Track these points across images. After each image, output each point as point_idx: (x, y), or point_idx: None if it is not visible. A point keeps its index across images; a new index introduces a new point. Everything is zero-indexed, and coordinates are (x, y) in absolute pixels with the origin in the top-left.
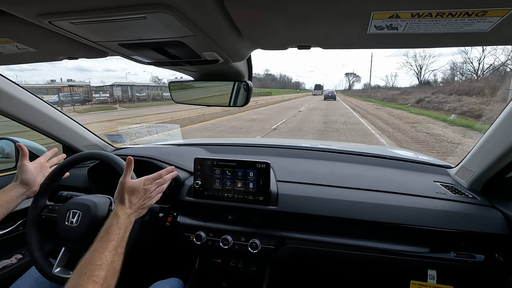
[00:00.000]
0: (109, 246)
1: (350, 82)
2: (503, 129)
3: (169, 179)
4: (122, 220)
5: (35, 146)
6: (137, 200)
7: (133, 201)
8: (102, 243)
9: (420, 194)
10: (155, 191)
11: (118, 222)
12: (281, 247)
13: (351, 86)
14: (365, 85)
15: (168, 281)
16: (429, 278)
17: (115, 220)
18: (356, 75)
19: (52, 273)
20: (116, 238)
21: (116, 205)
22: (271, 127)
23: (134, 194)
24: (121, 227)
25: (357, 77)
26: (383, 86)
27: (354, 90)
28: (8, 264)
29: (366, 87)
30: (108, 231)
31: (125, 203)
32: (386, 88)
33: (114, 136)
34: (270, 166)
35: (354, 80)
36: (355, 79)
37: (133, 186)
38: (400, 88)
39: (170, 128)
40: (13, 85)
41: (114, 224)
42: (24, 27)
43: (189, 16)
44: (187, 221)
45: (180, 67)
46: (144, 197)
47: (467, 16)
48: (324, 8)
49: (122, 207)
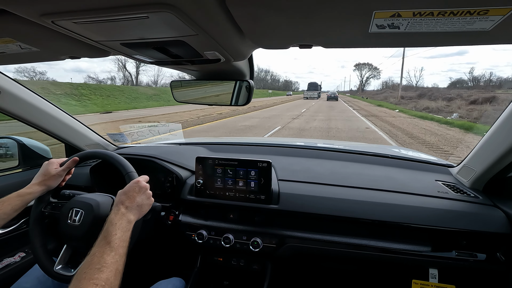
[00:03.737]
0: (107, 249)
1: (363, 78)
2: (505, 128)
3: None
4: (117, 221)
5: (39, 145)
6: (132, 199)
7: (127, 200)
8: (100, 247)
9: (422, 193)
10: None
11: (113, 224)
12: (282, 246)
13: (365, 84)
14: (384, 84)
15: (170, 281)
16: (430, 277)
17: (110, 224)
18: (372, 66)
19: (54, 270)
20: (114, 239)
21: (112, 208)
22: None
23: (126, 194)
24: (118, 228)
25: (374, 71)
26: (404, 84)
27: (368, 92)
28: (11, 262)
29: (385, 85)
30: (105, 235)
31: (119, 205)
32: (413, 89)
33: (116, 135)
34: (271, 165)
35: (370, 75)
36: (371, 73)
37: (126, 188)
38: (430, 88)
39: (172, 127)
40: (16, 84)
41: (110, 226)
42: (27, 26)
43: (191, 16)
44: (188, 220)
45: (182, 66)
46: (139, 193)
47: (469, 15)
48: (325, 7)
49: (117, 208)
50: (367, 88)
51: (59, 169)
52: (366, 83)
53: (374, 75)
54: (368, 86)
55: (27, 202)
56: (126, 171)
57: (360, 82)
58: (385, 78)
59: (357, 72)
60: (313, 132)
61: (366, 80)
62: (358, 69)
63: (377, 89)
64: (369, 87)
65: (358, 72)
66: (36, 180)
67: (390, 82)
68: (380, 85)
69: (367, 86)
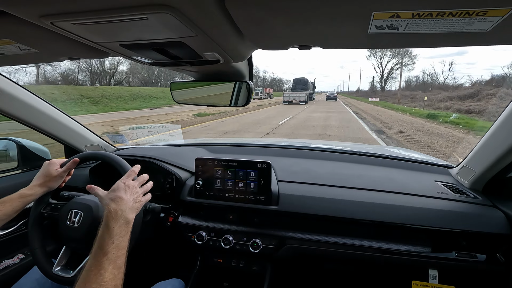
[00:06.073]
0: (105, 262)
1: (383, 72)
2: (504, 129)
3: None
4: (115, 224)
5: (37, 147)
6: (126, 196)
7: (123, 198)
8: (97, 260)
9: (421, 194)
10: (138, 183)
11: (110, 228)
12: (282, 247)
13: (386, 82)
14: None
15: (170, 282)
16: (430, 278)
17: (106, 228)
18: (410, 55)
19: (52, 272)
20: (111, 250)
21: (104, 210)
22: None
23: (116, 190)
24: (115, 234)
25: (406, 56)
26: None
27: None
28: (10, 264)
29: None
30: (101, 244)
31: (112, 206)
32: (441, 88)
33: (116, 136)
34: (271, 166)
35: (396, 67)
36: (398, 60)
37: (115, 187)
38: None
39: (171, 128)
40: (14, 85)
41: (106, 233)
42: (26, 28)
43: (190, 17)
44: (188, 221)
45: (181, 67)
46: (130, 191)
47: (468, 16)
48: (325, 8)
49: (112, 212)
50: (390, 86)
51: (60, 170)
52: (391, 76)
53: (406, 63)
54: (392, 82)
55: (28, 203)
56: (125, 172)
57: (381, 76)
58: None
59: (374, 59)
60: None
61: (389, 73)
62: (374, 55)
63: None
64: (392, 84)
65: (375, 59)
66: (37, 181)
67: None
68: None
69: (391, 83)
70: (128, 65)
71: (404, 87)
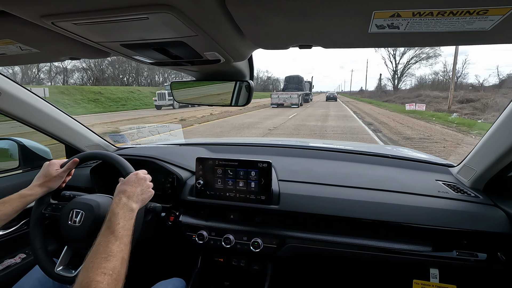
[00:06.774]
0: (112, 238)
1: (396, 68)
2: (505, 128)
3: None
4: (119, 210)
5: (38, 146)
6: (132, 188)
7: (128, 189)
8: (105, 237)
9: (422, 193)
10: (147, 178)
11: (115, 213)
12: (283, 246)
13: (400, 79)
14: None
15: (171, 281)
16: (431, 277)
17: (112, 214)
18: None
19: (54, 272)
20: (117, 229)
21: (113, 199)
22: None
23: (126, 183)
24: (120, 217)
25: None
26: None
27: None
28: (12, 264)
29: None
30: (108, 225)
31: (120, 195)
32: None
33: (116, 136)
34: (271, 165)
35: (412, 60)
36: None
37: (126, 179)
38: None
39: (172, 128)
40: (15, 85)
41: (112, 216)
42: (27, 28)
43: (190, 17)
44: (189, 220)
45: (181, 67)
46: (138, 183)
47: (468, 15)
48: (325, 8)
49: (118, 198)
50: (404, 85)
51: (59, 170)
52: (406, 71)
53: (429, 55)
54: (408, 80)
55: (28, 203)
56: (127, 172)
57: (394, 72)
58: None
59: (385, 51)
60: None
61: (405, 67)
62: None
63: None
64: (407, 83)
65: (386, 52)
66: (37, 182)
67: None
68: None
69: (406, 80)
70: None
71: (416, 86)
